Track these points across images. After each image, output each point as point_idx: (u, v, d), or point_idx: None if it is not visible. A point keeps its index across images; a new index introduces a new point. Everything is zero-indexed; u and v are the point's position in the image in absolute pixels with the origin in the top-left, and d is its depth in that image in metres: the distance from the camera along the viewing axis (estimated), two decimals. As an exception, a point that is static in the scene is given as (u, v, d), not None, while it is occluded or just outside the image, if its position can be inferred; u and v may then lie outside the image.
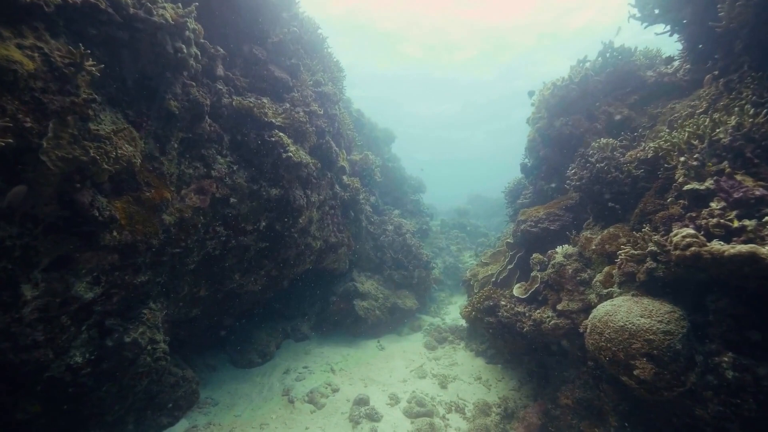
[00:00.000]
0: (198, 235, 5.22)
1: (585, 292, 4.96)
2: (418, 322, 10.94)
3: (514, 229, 7.22)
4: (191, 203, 4.93)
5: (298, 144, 6.02)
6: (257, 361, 8.36)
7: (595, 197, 5.00)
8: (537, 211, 6.68)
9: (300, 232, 6.80)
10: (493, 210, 27.55)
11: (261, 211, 5.97)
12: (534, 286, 5.81)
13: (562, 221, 6.29)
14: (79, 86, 3.16)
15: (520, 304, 5.93)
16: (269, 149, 5.50)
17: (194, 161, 4.97)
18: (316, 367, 8.24)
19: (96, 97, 3.25)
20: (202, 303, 6.23)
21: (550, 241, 6.53)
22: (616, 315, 3.78)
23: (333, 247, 8.23)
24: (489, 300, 6.27)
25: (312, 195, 6.85)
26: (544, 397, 5.86)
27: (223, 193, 5.32)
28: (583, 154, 5.21)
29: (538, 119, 7.36)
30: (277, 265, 6.91)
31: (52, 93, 3.00)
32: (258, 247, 6.26)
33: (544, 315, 5.40)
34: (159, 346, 4.62)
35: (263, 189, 5.82)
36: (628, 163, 4.61)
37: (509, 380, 7.69)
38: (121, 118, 3.92)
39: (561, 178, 7.32)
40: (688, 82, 6.22)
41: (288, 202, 6.20)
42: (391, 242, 11.37)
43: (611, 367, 3.79)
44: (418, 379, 7.92)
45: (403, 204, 14.49)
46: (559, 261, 5.31)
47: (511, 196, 9.87)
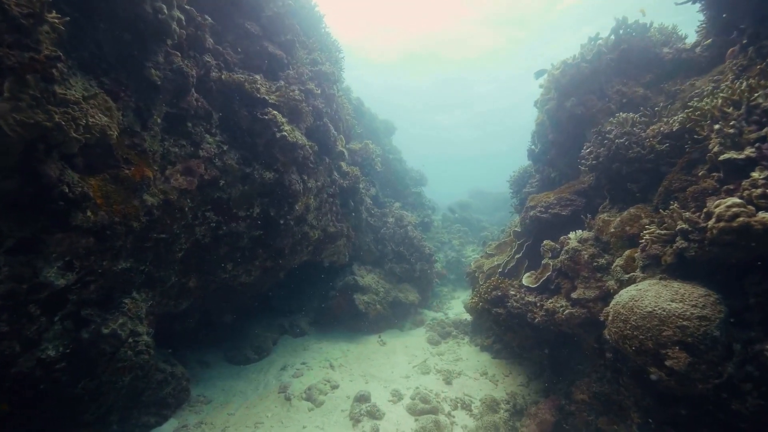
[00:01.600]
0: (186, 220, 4.86)
1: (602, 278, 4.60)
2: (420, 316, 10.58)
3: (522, 217, 6.86)
4: (177, 184, 4.56)
5: (294, 124, 5.65)
6: (253, 358, 8.00)
7: (613, 176, 4.63)
8: (547, 196, 6.31)
9: (296, 220, 6.43)
10: (494, 205, 27.21)
11: (254, 196, 5.61)
12: (546, 274, 5.45)
13: (574, 206, 5.93)
14: (40, 41, 2.79)
15: (531, 294, 5.57)
16: (262, 128, 5.13)
17: (180, 139, 4.60)
18: (315, 363, 7.88)
19: (60, 55, 2.88)
20: (192, 295, 5.86)
21: (561, 228, 6.17)
22: (643, 300, 3.42)
23: (332, 238, 7.86)
24: (497, 290, 5.91)
25: (309, 181, 6.49)
26: (557, 392, 5.50)
27: (212, 175, 4.95)
28: (599, 131, 4.84)
29: (547, 101, 6.99)
30: (272, 255, 6.55)
31: (6, 46, 2.63)
32: (251, 235, 5.90)
33: (557, 304, 5.05)
34: (141, 339, 4.26)
35: (256, 172, 5.46)
36: (651, 138, 4.25)
37: (517, 375, 7.34)
38: (95, 85, 3.55)
39: (571, 163, 6.96)
40: (708, 58, 5.86)
41: (283, 187, 5.84)
42: (392, 234, 11.01)
43: (638, 358, 3.43)
44: (422, 374, 7.57)
45: (404, 197, 14.12)
46: (573, 246, 4.95)
47: (517, 186, 9.50)
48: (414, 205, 14.15)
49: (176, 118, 4.53)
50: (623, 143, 4.36)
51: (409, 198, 14.26)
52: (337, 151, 7.12)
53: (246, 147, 5.32)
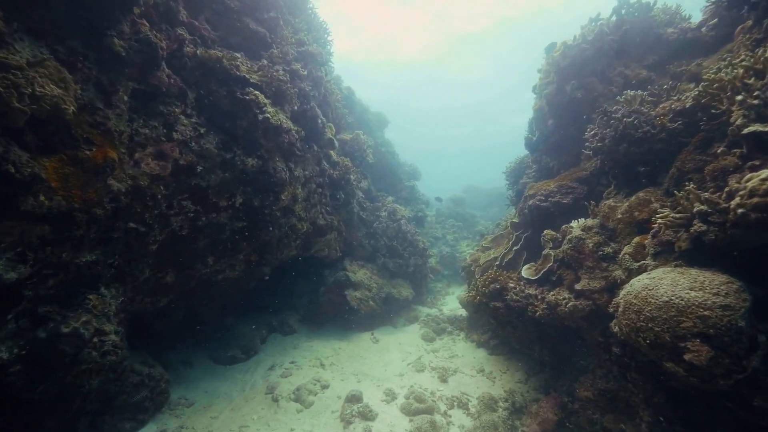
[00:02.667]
0: (159, 208, 4.47)
1: (609, 268, 4.31)
2: (414, 312, 10.28)
3: (520, 207, 6.56)
4: (148, 169, 4.17)
5: (278, 107, 5.27)
6: (240, 357, 7.63)
7: (620, 159, 4.34)
8: (547, 184, 6.02)
9: (283, 210, 6.06)
10: (488, 200, 27.02)
11: (236, 185, 5.23)
12: (546, 265, 5.16)
13: (576, 194, 5.64)
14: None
15: (531, 286, 5.27)
16: (243, 110, 4.75)
17: (151, 119, 4.20)
18: (305, 362, 7.53)
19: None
20: (170, 291, 5.47)
21: (561, 217, 5.88)
22: (658, 289, 3.13)
23: (321, 231, 7.50)
24: (495, 283, 5.61)
25: (296, 169, 6.11)
26: (559, 389, 5.22)
27: (188, 161, 4.56)
28: (605, 111, 4.54)
29: (546, 85, 6.69)
30: (258, 248, 6.17)
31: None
32: (234, 226, 5.52)
33: (559, 297, 4.75)
34: (108, 339, 3.87)
35: (237, 158, 5.08)
36: (661, 116, 3.96)
37: (515, 372, 7.07)
38: (46, 53, 3.15)
39: (571, 151, 6.67)
40: (714, 38, 5.59)
41: (267, 175, 5.46)
42: (385, 229, 10.67)
43: (653, 352, 3.13)
44: (416, 372, 7.25)
45: (397, 191, 13.78)
46: (576, 235, 4.65)
47: (513, 177, 9.21)
48: (407, 199, 13.82)
49: (146, 97, 4.13)
50: (631, 122, 4.06)
51: (402, 192, 13.93)
52: (326, 138, 6.74)
53: (226, 130, 4.93)
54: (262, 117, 4.79)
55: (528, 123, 8.48)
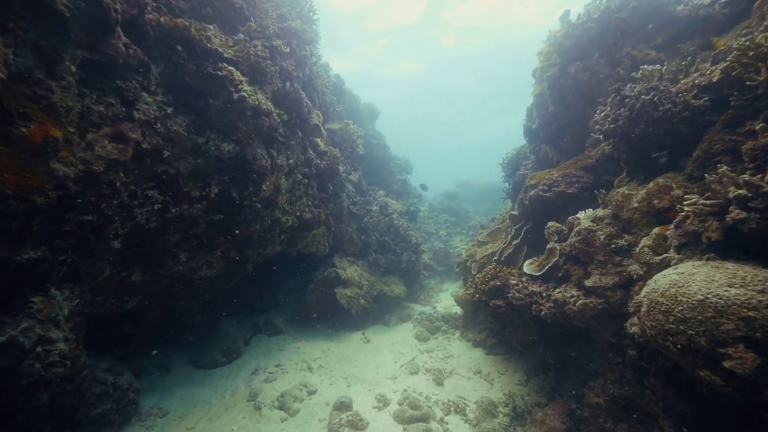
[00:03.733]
0: (119, 198, 3.94)
1: (623, 262, 3.91)
2: (407, 311, 9.85)
3: (520, 198, 6.15)
4: (104, 153, 3.64)
5: (257, 86, 4.76)
6: (221, 361, 7.12)
7: (634, 142, 3.93)
8: (550, 173, 5.60)
9: (264, 203, 5.55)
10: (481, 195, 26.75)
11: (210, 173, 4.71)
12: (551, 260, 4.75)
13: (581, 183, 5.24)
14: None
15: (535, 283, 4.86)
16: (215, 87, 4.22)
17: (106, 95, 3.66)
18: (291, 365, 7.05)
19: None
20: (139, 291, 4.94)
21: (565, 209, 5.48)
22: (690, 286, 2.72)
23: (308, 225, 7.01)
24: (495, 279, 5.19)
25: (279, 157, 5.60)
26: (564, 394, 4.83)
27: (152, 144, 4.03)
28: (618, 89, 4.13)
29: (547, 68, 6.27)
30: (238, 244, 5.66)
31: None
32: (209, 219, 5.00)
33: (567, 294, 4.35)
34: (55, 348, 3.35)
35: (211, 142, 4.56)
36: (684, 93, 3.56)
37: (513, 373, 6.69)
38: (-37, 6, 2.61)
39: (574, 138, 6.27)
40: (728, 15, 5.20)
41: (246, 163, 4.95)
42: (376, 223, 10.20)
43: (684, 358, 2.73)
44: (410, 375, 6.83)
45: (388, 184, 13.31)
46: (586, 227, 4.24)
47: (510, 168, 8.80)
48: (399, 193, 13.36)
49: (100, 69, 3.58)
50: (650, 100, 3.65)
51: (394, 186, 13.46)
52: (312, 124, 6.23)
53: (197, 111, 4.41)
54: (238, 96, 4.27)
55: (526, 111, 8.06)
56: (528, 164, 8.27)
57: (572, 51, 5.78)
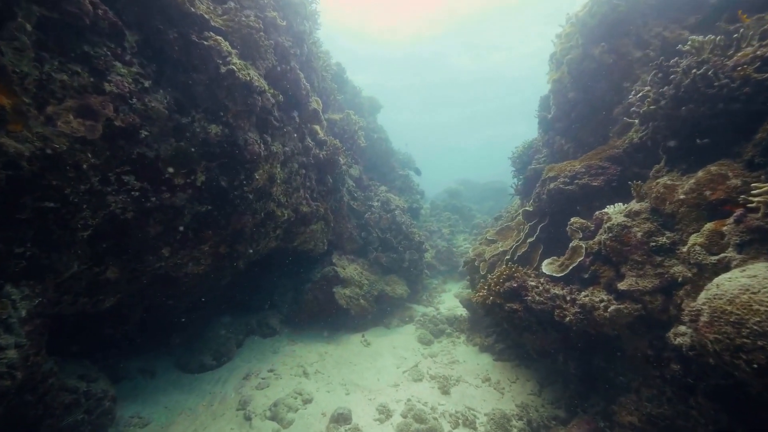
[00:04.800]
0: (88, 183, 3.43)
1: (665, 263, 3.42)
2: (409, 312, 9.35)
3: (536, 193, 5.65)
4: (68, 129, 3.13)
5: (249, 61, 4.25)
6: (210, 364, 6.63)
7: (678, 125, 3.45)
8: (571, 165, 5.11)
9: (257, 193, 5.05)
10: (483, 194, 26.26)
11: (195, 158, 4.20)
12: (576, 259, 4.26)
13: (608, 175, 4.74)
14: None
15: (556, 285, 4.37)
16: (200, 59, 3.72)
17: (71, 63, 3.15)
18: (285, 369, 6.55)
19: None
20: (116, 289, 4.44)
21: (588, 203, 5.00)
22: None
23: (305, 220, 6.50)
24: (511, 281, 4.70)
25: (273, 143, 5.10)
26: (589, 410, 4.34)
27: (127, 122, 3.52)
28: (660, 64, 3.64)
29: (568, 50, 5.77)
30: (227, 238, 5.16)
31: None
32: (195, 210, 4.49)
33: (595, 298, 3.86)
34: (3, 357, 2.84)
35: (197, 123, 4.05)
36: (744, 66, 3.07)
37: (525, 382, 6.21)
38: None
39: (594, 128, 5.78)
40: (770, -8, 4.70)
41: (236, 147, 4.44)
42: (377, 220, 9.70)
43: (762, 380, 2.23)
44: (413, 382, 6.34)
45: (390, 180, 12.81)
46: (619, 222, 3.75)
47: (520, 163, 8.31)
48: (401, 189, 12.86)
49: (63, 31, 3.07)
50: (702, 74, 3.16)
51: (396, 182, 12.95)
52: (311, 109, 5.72)
53: (179, 87, 3.89)
54: (226, 69, 3.77)
55: (540, 101, 7.57)
56: (540, 158, 7.79)
57: (597, 31, 5.28)
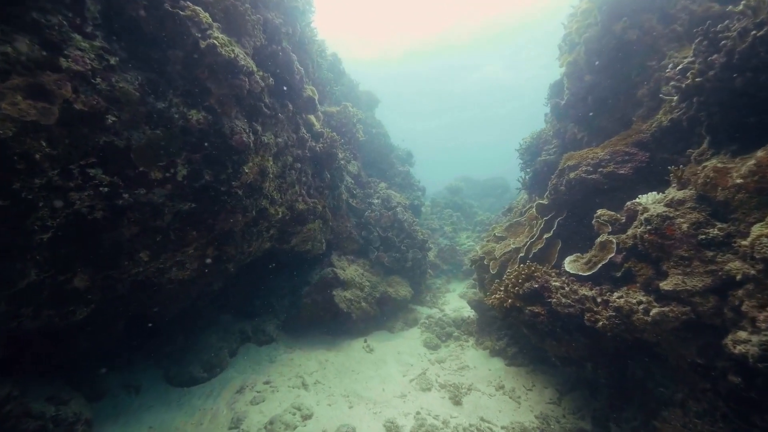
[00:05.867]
0: (43, 176, 2.93)
1: (717, 258, 2.95)
2: (413, 314, 8.88)
3: (553, 184, 5.18)
4: (14, 112, 2.63)
5: (234, 38, 3.76)
6: (201, 376, 6.12)
7: (729, 100, 2.99)
8: (593, 152, 4.64)
9: (247, 189, 4.55)
10: (483, 191, 25.85)
11: (175, 149, 3.70)
12: (606, 256, 3.79)
13: (635, 162, 4.28)
14: None
15: (583, 285, 3.90)
16: (176, 33, 3.22)
17: (17, 32, 2.65)
18: (282, 381, 6.06)
19: None
20: (88, 299, 3.93)
21: (613, 193, 4.53)
22: None
23: (302, 218, 6.01)
24: (531, 280, 4.22)
25: (264, 133, 4.60)
26: (623, 423, 3.88)
27: (90, 105, 3.02)
28: (706, 30, 3.19)
29: (585, 28, 5.30)
30: (215, 239, 4.66)
31: None
32: (177, 209, 3.99)
33: (632, 300, 3.39)
34: (-69, 387, 2.33)
35: (175, 108, 3.55)
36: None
37: (543, 389, 5.75)
38: None
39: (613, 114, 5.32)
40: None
41: (222, 137, 3.94)
42: (378, 218, 9.22)
43: None
44: (421, 392, 5.87)
45: (390, 177, 12.32)
46: (659, 213, 3.28)
47: (529, 155, 7.83)
48: (402, 185, 12.37)
49: (4, -8, 2.56)
50: (764, 36, 2.70)
51: (396, 178, 12.47)
52: (305, 96, 5.23)
53: (154, 67, 3.39)
54: (207, 44, 3.27)
55: (550, 88, 7.10)
56: (551, 149, 7.32)
57: (618, 5, 4.82)
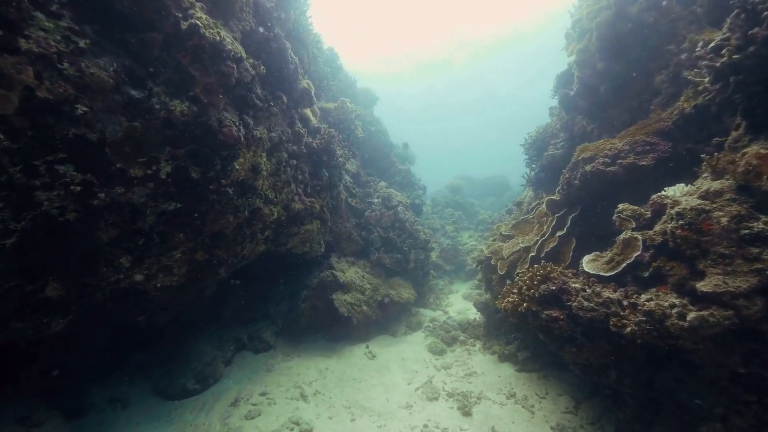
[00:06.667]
0: (1, 173, 2.59)
1: (764, 255, 2.63)
2: (416, 317, 8.54)
3: (566, 178, 4.85)
4: (-37, 99, 2.28)
5: (220, 21, 3.43)
6: (193, 388, 5.77)
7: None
8: (610, 143, 4.32)
9: (238, 187, 4.21)
10: (483, 190, 25.59)
11: (157, 143, 3.36)
12: (631, 254, 3.46)
13: (658, 152, 3.95)
14: None
15: (607, 287, 3.57)
16: (154, 11, 2.88)
17: (-36, 7, 2.30)
18: (280, 392, 5.71)
19: None
20: (63, 309, 3.59)
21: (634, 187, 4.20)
22: None
23: (298, 219, 5.67)
24: (548, 282, 3.89)
25: (257, 127, 4.26)
26: (652, 438, 3.54)
27: (56, 93, 2.68)
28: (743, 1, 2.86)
29: (596, 12, 4.98)
30: (204, 243, 4.31)
31: None
32: (160, 209, 3.65)
33: (664, 303, 3.05)
34: None
35: (156, 98, 3.21)
36: None
37: (557, 396, 5.42)
38: None
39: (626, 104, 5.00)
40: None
41: (209, 131, 3.60)
42: (378, 218, 8.88)
43: None
44: (428, 401, 5.53)
45: (390, 175, 11.99)
46: (693, 206, 2.96)
47: (535, 150, 7.51)
48: (402, 184, 12.04)
49: (-53, -41, 2.22)
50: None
51: (396, 177, 12.14)
52: (300, 88, 4.89)
53: (130, 51, 3.05)
54: (188, 25, 2.94)
55: (556, 80, 6.79)
56: (558, 143, 7.01)
57: (633, -14, 4.52)
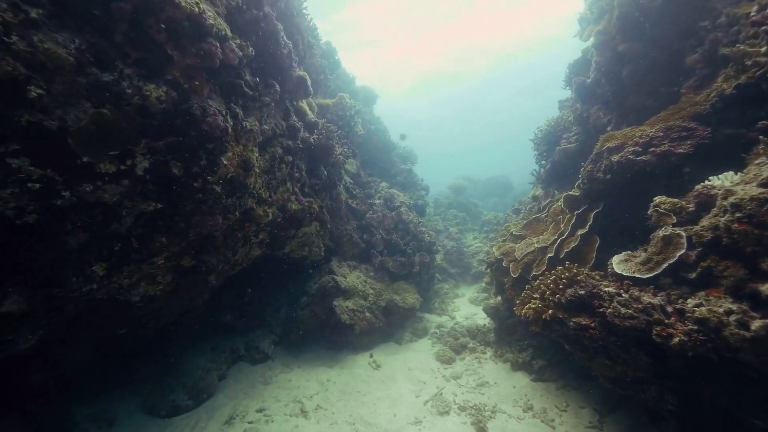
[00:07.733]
0: (-63, 168, 2.17)
1: None
2: (422, 323, 8.10)
3: (588, 171, 4.42)
4: None
5: (200, -5, 3.03)
6: (185, 405, 5.34)
7: None
8: (640, 130, 3.89)
9: (227, 185, 3.79)
10: (486, 190, 25.17)
11: (131, 134, 2.94)
12: (674, 253, 3.03)
13: (696, 138, 3.53)
14: None
15: (645, 291, 3.13)
16: (119, -22, 2.48)
17: None
18: (278, 407, 5.28)
19: None
20: (30, 324, 3.16)
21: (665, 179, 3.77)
22: None
23: (295, 220, 5.25)
24: (575, 286, 3.45)
25: (247, 118, 3.84)
26: (701, 463, 3.10)
27: (2, 72, 2.26)
28: None
29: (619, -10, 4.58)
30: (190, 247, 3.89)
31: None
32: (138, 210, 3.23)
33: (718, 309, 2.62)
34: None
35: (127, 81, 2.79)
36: None
37: (579, 408, 4.97)
38: None
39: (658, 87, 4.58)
40: None
41: (191, 120, 3.18)
42: (380, 219, 8.46)
43: None
44: (439, 416, 5.09)
45: (391, 176, 11.57)
46: (753, 195, 2.54)
47: (546, 144, 7.10)
48: (404, 185, 11.63)
49: None
50: None
51: (397, 177, 11.72)
52: (295, 76, 4.47)
53: (95, 25, 2.64)
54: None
55: (569, 68, 6.38)
56: (571, 137, 6.60)
57: (660, -42, 4.12)
